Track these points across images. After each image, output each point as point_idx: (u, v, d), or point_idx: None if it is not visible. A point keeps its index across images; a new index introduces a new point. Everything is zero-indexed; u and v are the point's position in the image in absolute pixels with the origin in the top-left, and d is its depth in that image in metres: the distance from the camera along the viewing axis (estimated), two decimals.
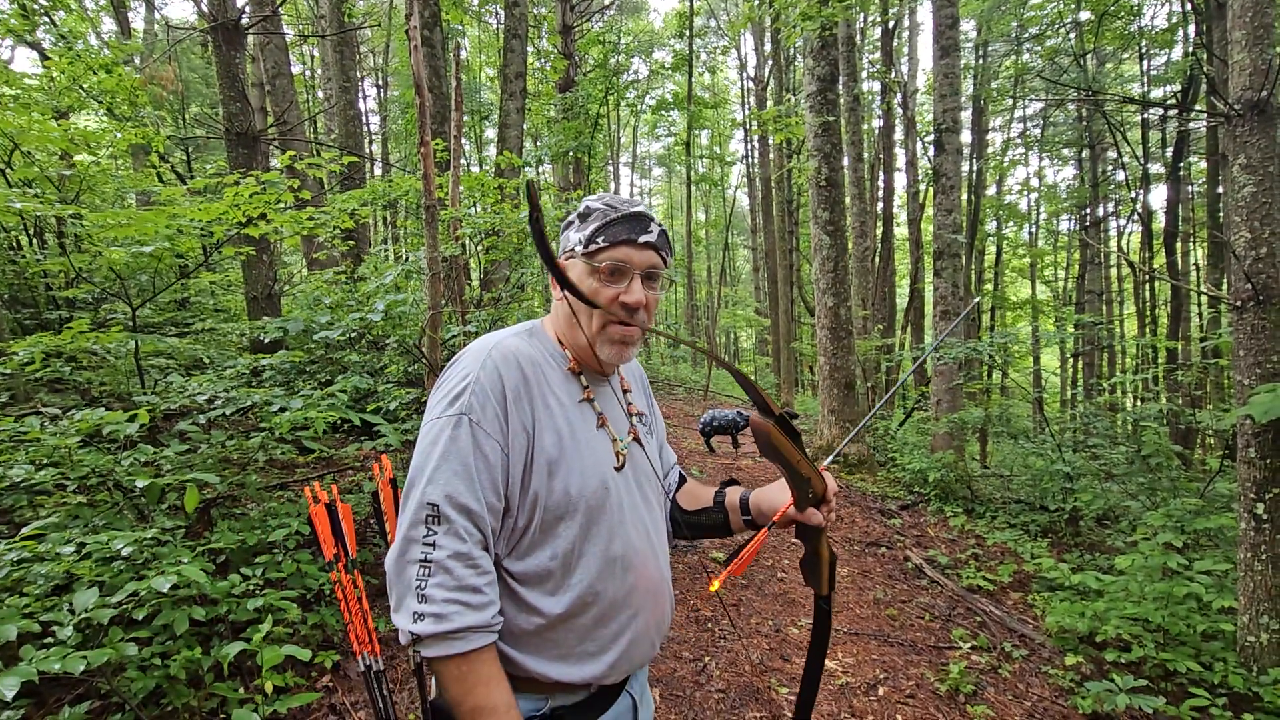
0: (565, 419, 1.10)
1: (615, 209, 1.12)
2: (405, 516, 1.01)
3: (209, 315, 6.75)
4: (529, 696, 1.07)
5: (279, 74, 8.63)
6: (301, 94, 15.90)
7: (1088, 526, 5.43)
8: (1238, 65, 3.27)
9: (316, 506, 1.38)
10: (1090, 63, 12.98)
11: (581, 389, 1.16)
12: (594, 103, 13.11)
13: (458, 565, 0.97)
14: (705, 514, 1.33)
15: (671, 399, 12.67)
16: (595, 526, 1.09)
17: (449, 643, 0.96)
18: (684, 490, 1.40)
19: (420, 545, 0.98)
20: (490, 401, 1.03)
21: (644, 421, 1.29)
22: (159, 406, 3.08)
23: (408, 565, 0.98)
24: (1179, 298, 10.26)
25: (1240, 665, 3.11)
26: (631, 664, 1.13)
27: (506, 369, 1.06)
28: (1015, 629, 3.79)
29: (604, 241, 1.10)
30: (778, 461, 1.09)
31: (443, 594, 0.96)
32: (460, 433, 1.01)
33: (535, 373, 1.10)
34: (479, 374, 1.05)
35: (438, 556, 0.97)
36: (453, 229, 5.88)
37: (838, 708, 2.95)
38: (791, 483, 1.12)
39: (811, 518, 1.13)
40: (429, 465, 1.01)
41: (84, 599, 1.82)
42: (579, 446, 1.09)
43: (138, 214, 4.06)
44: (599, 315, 1.11)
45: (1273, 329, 3.20)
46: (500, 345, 1.10)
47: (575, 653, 1.07)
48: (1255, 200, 3.22)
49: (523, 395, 1.06)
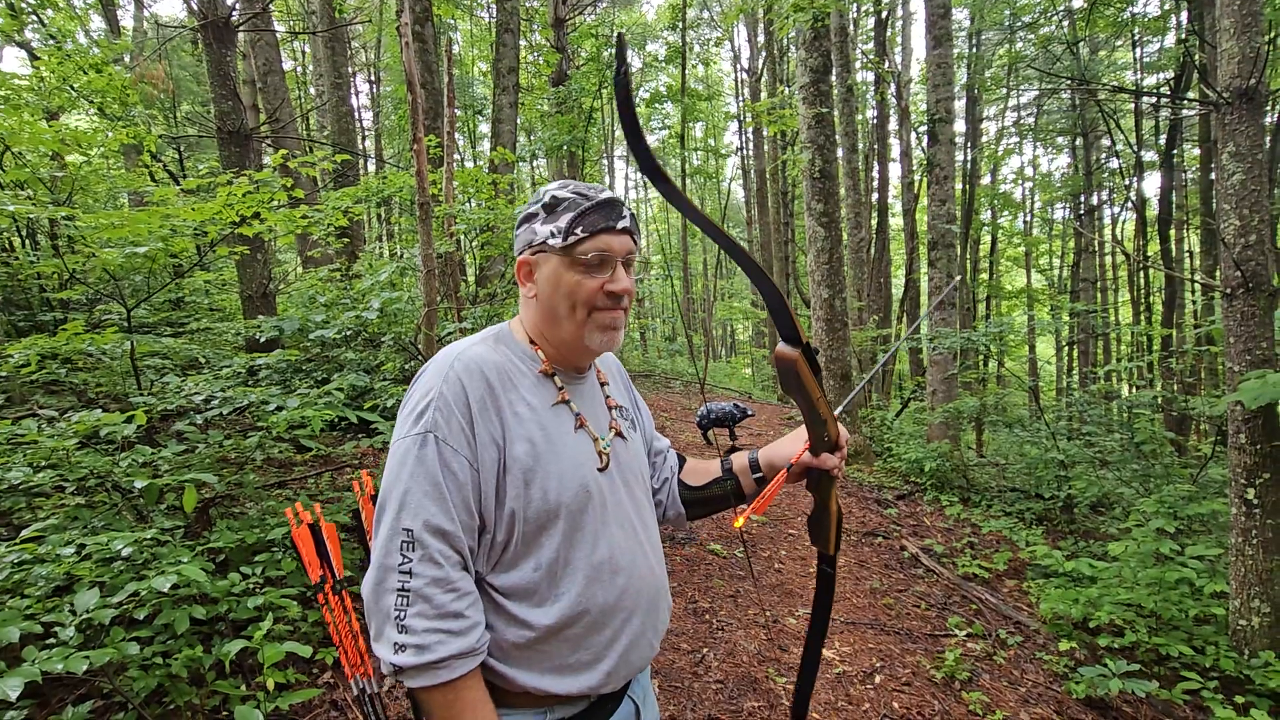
0: (538, 425, 1.06)
1: (587, 197, 1.08)
2: (378, 543, 0.97)
3: (204, 315, 6.75)
4: (526, 711, 1.05)
5: (270, 71, 8.58)
6: (293, 91, 15.82)
7: (1082, 514, 5.47)
8: (1226, 53, 3.28)
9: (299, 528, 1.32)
10: (1083, 50, 12.97)
11: (556, 391, 1.12)
12: (587, 96, 13.07)
13: (437, 592, 0.94)
14: (716, 484, 1.32)
15: (669, 392, 12.70)
16: (579, 532, 1.06)
17: (433, 672, 0.94)
18: (688, 469, 1.38)
19: (396, 574, 0.95)
20: (455, 416, 1.00)
21: (625, 415, 1.26)
22: (156, 407, 3.08)
23: (385, 594, 0.95)
24: (1173, 285, 10.30)
25: (1231, 649, 3.15)
26: (630, 668, 1.10)
27: (470, 380, 1.03)
28: (1010, 616, 3.83)
29: (583, 232, 1.05)
30: (798, 396, 1.05)
31: (423, 623, 0.93)
32: (427, 452, 0.98)
33: (502, 380, 1.06)
34: (442, 388, 1.01)
35: (415, 585, 0.94)
36: (447, 225, 5.87)
37: (834, 695, 2.98)
38: (809, 421, 1.09)
39: (826, 461, 1.14)
40: (398, 488, 0.98)
41: (85, 600, 1.83)
42: (555, 452, 1.05)
43: (131, 214, 4.06)
44: (585, 305, 1.07)
45: (1262, 316, 3.22)
46: (463, 356, 1.06)
47: (570, 664, 1.05)
48: (1244, 188, 3.24)
49: (489, 406, 1.03)
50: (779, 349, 1.04)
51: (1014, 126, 17.73)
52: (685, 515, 1.36)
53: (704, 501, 1.33)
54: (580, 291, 1.06)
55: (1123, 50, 14.58)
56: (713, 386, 14.33)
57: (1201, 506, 3.94)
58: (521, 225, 1.12)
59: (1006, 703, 2.99)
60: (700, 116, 20.10)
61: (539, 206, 1.10)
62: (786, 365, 1.02)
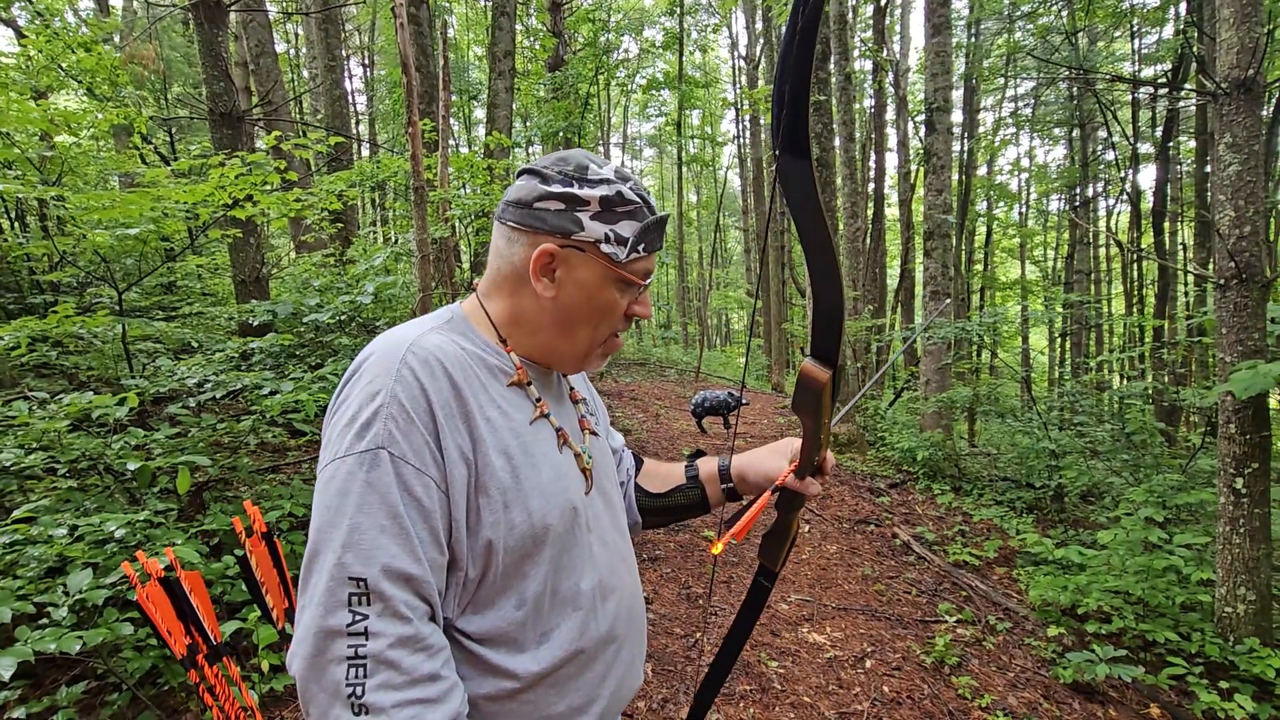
0: (513, 434, 0.87)
1: (650, 207, 0.92)
2: (314, 600, 0.73)
3: (196, 299, 6.70)
4: None
5: (263, 53, 8.48)
6: (286, 73, 15.64)
7: (1072, 503, 5.52)
8: (1225, 43, 3.27)
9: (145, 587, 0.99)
10: (1082, 40, 12.93)
11: (533, 405, 0.93)
12: (584, 82, 12.97)
13: (405, 655, 0.73)
14: (679, 493, 1.19)
15: (663, 380, 12.71)
16: (567, 556, 0.89)
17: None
18: (645, 472, 1.23)
19: (345, 638, 0.72)
20: (415, 425, 0.78)
21: (590, 408, 1.12)
22: (148, 390, 3.07)
23: (328, 667, 0.72)
24: (1166, 277, 10.35)
25: (1217, 635, 3.20)
26: (620, 704, 0.96)
27: (430, 378, 0.81)
28: (1000, 603, 3.87)
29: (644, 250, 0.91)
30: (809, 419, 0.97)
31: (391, 696, 0.72)
32: (380, 474, 0.76)
33: (467, 378, 0.85)
34: (394, 389, 0.79)
35: (375, 649, 0.72)
36: (442, 210, 5.84)
37: (825, 680, 3.02)
38: (806, 444, 1.01)
39: (810, 487, 1.04)
40: (340, 524, 0.75)
41: (78, 580, 1.83)
42: (536, 466, 0.88)
43: (122, 196, 4.02)
44: (609, 327, 0.93)
45: (1255, 307, 3.24)
46: (417, 346, 0.83)
47: (558, 713, 0.88)
48: (1240, 179, 3.25)
49: (455, 412, 0.82)
50: (808, 366, 0.91)
51: (1011, 117, 17.70)
52: (641, 524, 1.21)
53: (664, 510, 1.19)
54: (614, 313, 0.92)
55: (1121, 41, 14.55)
56: (707, 375, 14.35)
57: (1190, 496, 3.98)
58: (547, 200, 0.88)
59: (995, 687, 3.03)
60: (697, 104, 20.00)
61: (594, 195, 0.87)
62: (812, 387, 0.91)
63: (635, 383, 11.60)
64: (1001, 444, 8.40)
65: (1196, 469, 4.93)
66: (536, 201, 0.88)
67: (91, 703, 2.28)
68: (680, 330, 23.80)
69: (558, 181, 0.88)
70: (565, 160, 0.90)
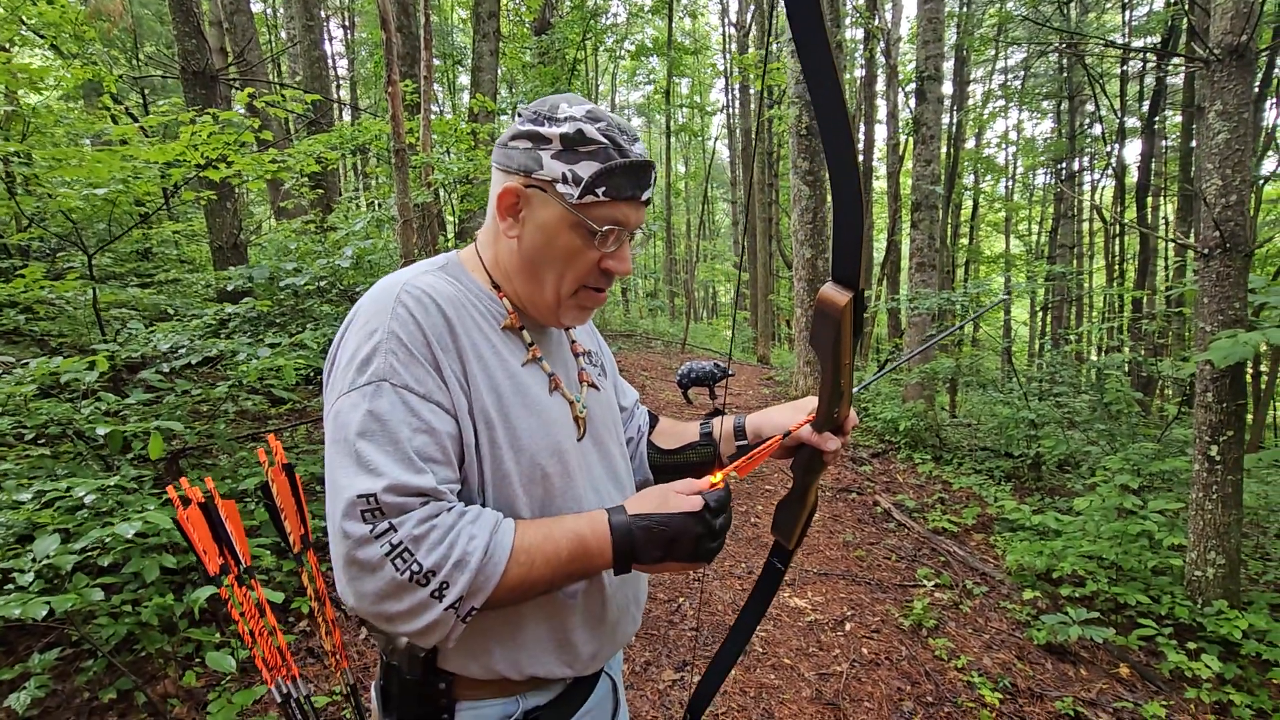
0: (505, 373, 0.88)
1: (620, 150, 0.87)
2: (336, 526, 0.76)
3: (173, 266, 6.54)
4: (495, 701, 0.90)
5: (237, 10, 8.18)
6: (262, 34, 15.13)
7: (1049, 471, 5.61)
8: (1219, 8, 3.23)
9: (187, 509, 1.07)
10: (1073, 11, 12.81)
11: (525, 347, 0.94)
12: (571, 47, 12.67)
13: (433, 521, 0.76)
14: (692, 450, 1.16)
15: (649, 351, 12.69)
16: (552, 500, 0.90)
17: (491, 567, 0.77)
18: (659, 430, 1.22)
19: (374, 543, 0.74)
20: (415, 358, 0.80)
21: (594, 360, 1.11)
22: (119, 354, 2.99)
23: (376, 572, 0.74)
24: (1146, 250, 10.43)
25: (1186, 598, 3.27)
26: (615, 645, 0.99)
27: (424, 314, 0.83)
28: (977, 568, 3.94)
29: (605, 195, 0.86)
30: (827, 357, 0.85)
31: (442, 549, 0.75)
32: (381, 403, 0.78)
33: (460, 316, 0.87)
34: (390, 325, 0.81)
35: (405, 533, 0.74)
36: (424, 175, 5.71)
37: (806, 642, 3.06)
38: (826, 391, 0.90)
39: (827, 442, 0.95)
40: (349, 454, 0.77)
41: (44, 546, 1.79)
42: (527, 406, 0.89)
43: (89, 154, 3.88)
44: (576, 279, 0.90)
45: (1237, 276, 3.26)
46: (410, 286, 0.85)
47: (550, 646, 0.91)
48: (1229, 147, 3.24)
49: (450, 346, 0.84)
50: (825, 290, 0.79)
51: (1000, 89, 17.59)
52: (653, 482, 1.18)
53: (676, 469, 1.16)
54: (578, 262, 0.89)
55: (1112, 13, 14.43)
56: (693, 347, 14.36)
57: (1164, 464, 4.05)
58: (518, 139, 0.88)
59: (970, 648, 3.10)
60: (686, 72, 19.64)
61: (555, 132, 0.86)
62: (829, 314, 0.79)
63: (622, 353, 11.57)
64: (982, 414, 8.50)
65: (1171, 438, 5.02)
66: (510, 140, 0.90)
67: (66, 669, 2.26)
68: (667, 301, 23.74)
69: (529, 119, 0.88)
70: (544, 100, 0.90)
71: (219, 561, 1.12)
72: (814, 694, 2.69)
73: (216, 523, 1.12)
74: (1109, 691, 2.82)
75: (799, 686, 2.74)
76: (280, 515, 1.09)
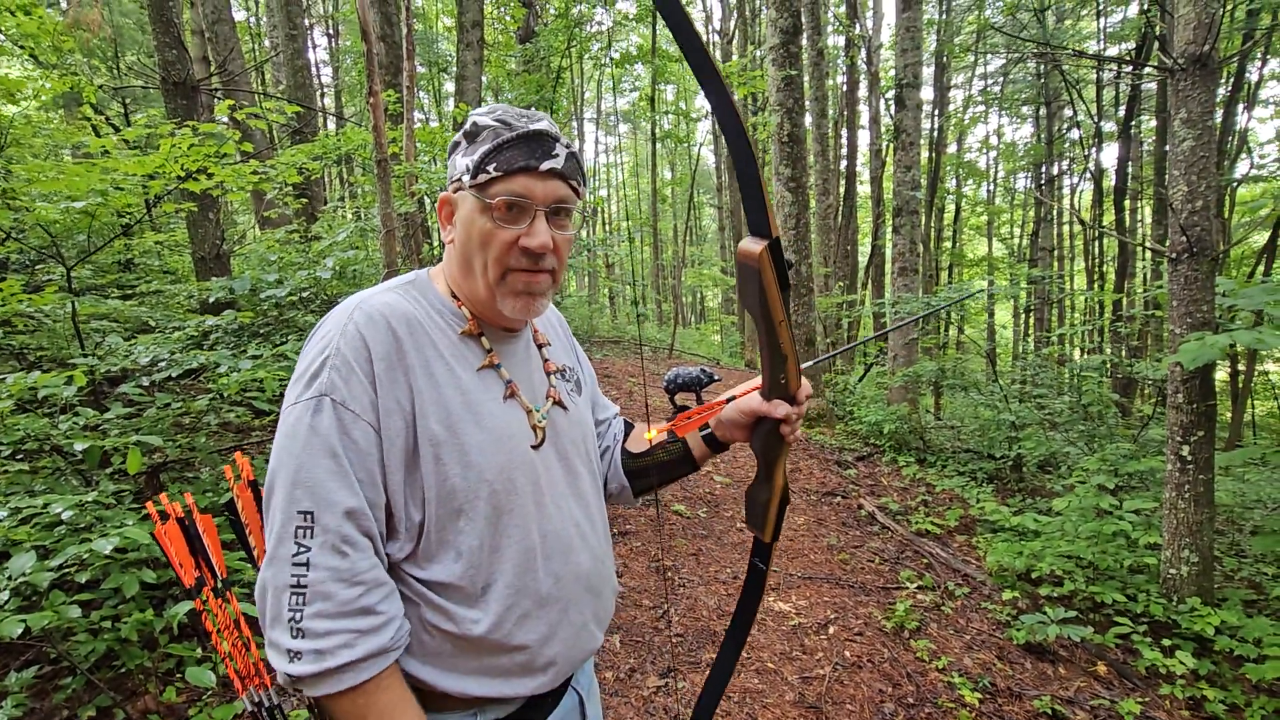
0: (456, 389, 0.91)
1: (509, 126, 0.90)
2: (271, 532, 0.83)
3: (155, 277, 6.49)
4: (452, 714, 0.92)
5: (219, 19, 8.15)
6: (245, 43, 15.07)
7: (1030, 472, 5.68)
8: (1183, 19, 3.32)
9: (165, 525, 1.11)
10: (1049, 19, 13.02)
11: (483, 353, 0.96)
12: (556, 55, 12.71)
13: (339, 588, 0.81)
14: (660, 449, 1.18)
15: (637, 357, 12.71)
16: (507, 517, 0.92)
17: (336, 678, 0.80)
18: (633, 436, 1.25)
19: (290, 566, 0.80)
20: (355, 374, 0.85)
21: (567, 377, 1.12)
22: (98, 368, 2.98)
23: (280, 594, 0.81)
24: (1125, 254, 10.59)
25: (1161, 596, 3.33)
26: (571, 664, 0.99)
27: (372, 332, 0.87)
28: (959, 569, 3.99)
29: (496, 170, 0.89)
30: (758, 313, 0.84)
31: (323, 624, 0.80)
32: (322, 418, 0.84)
33: (413, 334, 0.90)
34: (339, 344, 0.86)
35: (313, 579, 0.80)
36: (408, 184, 5.72)
37: (789, 646, 3.09)
38: (765, 354, 0.89)
39: (776, 409, 0.95)
40: (289, 463, 0.83)
41: (20, 563, 1.78)
42: (478, 422, 0.91)
43: (68, 167, 3.85)
44: (496, 262, 0.92)
45: (1204, 279, 3.34)
46: (365, 305, 0.90)
47: (502, 664, 0.92)
48: (1194, 154, 3.32)
49: (395, 364, 0.88)
50: (742, 244, 0.81)
51: (980, 95, 17.83)
52: (631, 489, 1.20)
53: (649, 470, 1.18)
54: (492, 244, 0.91)
55: (1088, 20, 14.69)
56: (680, 352, 14.40)
57: (1140, 464, 4.12)
58: (449, 157, 0.98)
59: (952, 649, 3.13)
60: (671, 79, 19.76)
61: (462, 134, 0.94)
62: (749, 264, 0.80)
63: (609, 360, 11.58)
64: (965, 417, 8.59)
65: (1148, 438, 5.10)
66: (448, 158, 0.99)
67: (44, 687, 2.24)
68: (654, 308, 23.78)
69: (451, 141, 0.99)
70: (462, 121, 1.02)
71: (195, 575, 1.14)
72: (797, 697, 2.71)
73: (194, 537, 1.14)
74: (1086, 689, 2.87)
75: (782, 690, 2.76)
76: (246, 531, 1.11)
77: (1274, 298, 3.17)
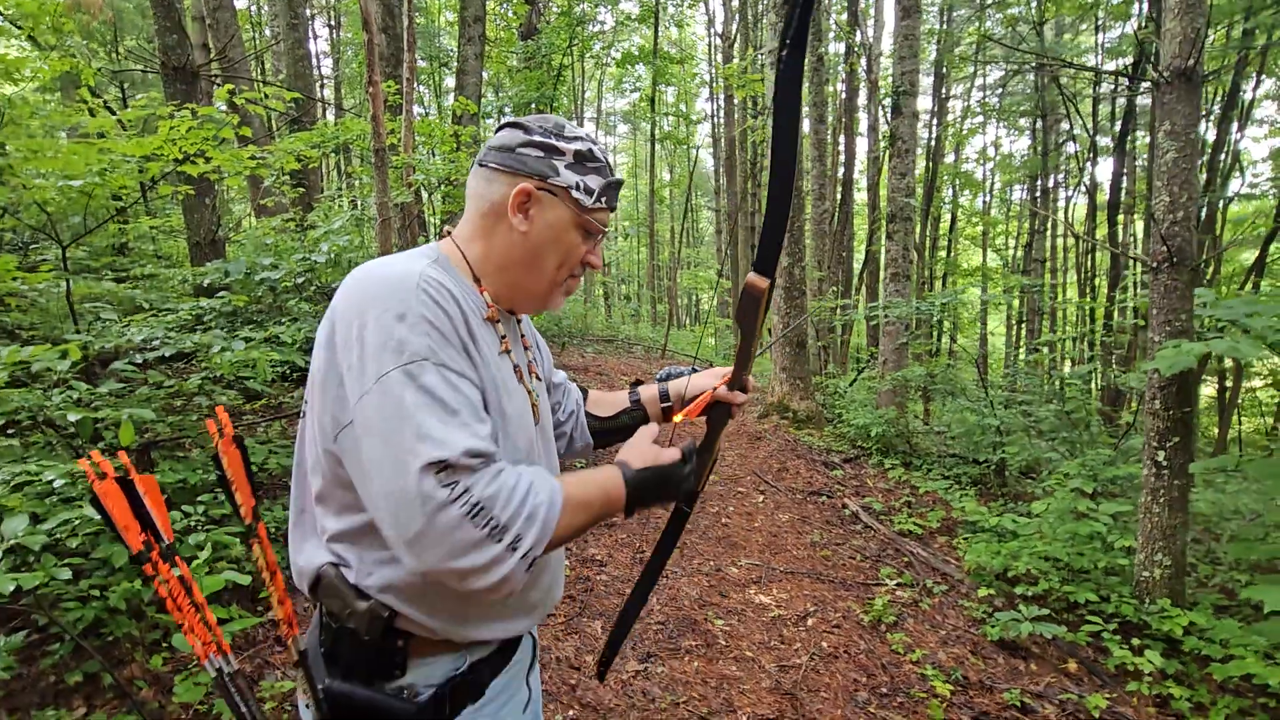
0: (495, 365, 0.99)
1: (611, 170, 1.06)
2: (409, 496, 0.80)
3: (150, 261, 6.50)
4: (443, 657, 0.98)
5: (220, 7, 8.17)
6: (246, 31, 15.06)
7: (1013, 477, 5.76)
8: (1169, 33, 3.39)
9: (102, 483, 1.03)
10: (1049, 32, 13.16)
11: (499, 340, 1.03)
12: (557, 52, 12.75)
13: (501, 482, 0.84)
14: (625, 415, 1.34)
15: (630, 356, 12.76)
16: None
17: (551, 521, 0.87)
18: (593, 400, 1.38)
19: (452, 505, 0.79)
20: (447, 340, 0.88)
21: (536, 355, 1.25)
22: (92, 345, 3.00)
23: (455, 532, 0.79)
24: (1117, 267, 10.71)
25: (1133, 597, 3.40)
26: (552, 602, 1.13)
27: (448, 302, 0.90)
28: (938, 568, 4.05)
29: (606, 203, 1.05)
30: (746, 331, 1.08)
31: (513, 505, 0.83)
32: (429, 379, 0.84)
33: (466, 309, 0.95)
34: (420, 310, 0.86)
35: (479, 493, 0.81)
36: (405, 175, 5.75)
37: (768, 636, 3.14)
38: (741, 357, 1.14)
39: (737, 398, 1.20)
40: (408, 429, 0.81)
41: (14, 525, 1.82)
42: (511, 399, 1.00)
43: (65, 146, 3.87)
44: (566, 267, 1.05)
45: (1184, 289, 3.41)
46: (426, 277, 0.90)
47: (509, 609, 1.02)
48: (1176, 166, 3.39)
49: (466, 334, 0.91)
50: (751, 278, 1.03)
51: (979, 106, 17.95)
52: (593, 446, 1.37)
53: (612, 432, 1.35)
54: (574, 254, 1.05)
55: (1087, 34, 14.83)
56: (674, 352, 14.45)
57: (1119, 470, 4.19)
58: (528, 147, 1.01)
59: (927, 643, 3.19)
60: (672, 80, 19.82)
61: (570, 148, 1.01)
62: (755, 295, 1.02)
63: (602, 358, 11.63)
64: (953, 422, 8.66)
65: (1130, 446, 5.18)
66: (519, 147, 1.01)
67: (31, 653, 2.28)
68: (649, 307, 23.83)
69: (539, 133, 1.02)
70: (545, 119, 1.05)
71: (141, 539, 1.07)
72: (773, 684, 2.77)
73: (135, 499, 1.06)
74: (1056, 684, 2.93)
75: (759, 677, 2.81)
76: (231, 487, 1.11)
77: (1252, 310, 3.25)
